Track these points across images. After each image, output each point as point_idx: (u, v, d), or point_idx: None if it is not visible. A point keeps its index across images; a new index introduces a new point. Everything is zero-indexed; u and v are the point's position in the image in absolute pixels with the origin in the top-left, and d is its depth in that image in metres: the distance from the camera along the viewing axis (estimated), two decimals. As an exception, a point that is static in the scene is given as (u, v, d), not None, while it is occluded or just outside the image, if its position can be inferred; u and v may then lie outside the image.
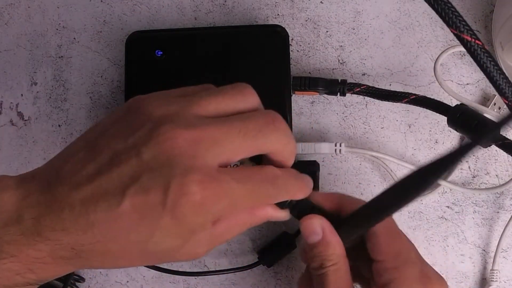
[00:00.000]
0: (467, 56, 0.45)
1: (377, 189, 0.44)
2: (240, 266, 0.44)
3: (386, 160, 0.44)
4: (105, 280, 0.45)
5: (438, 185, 0.44)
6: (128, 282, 0.45)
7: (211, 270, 0.44)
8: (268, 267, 0.44)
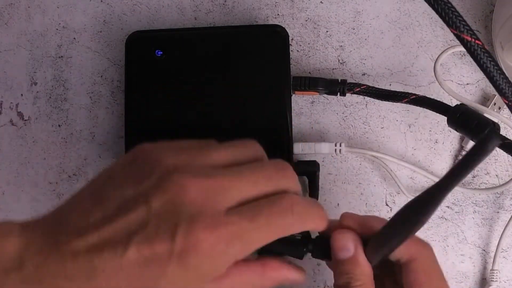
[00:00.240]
0: (467, 56, 0.45)
1: (377, 189, 0.44)
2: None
3: (386, 160, 0.44)
4: None
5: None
6: None
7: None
8: None
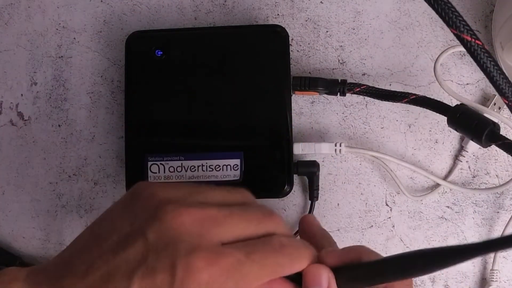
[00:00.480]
0: (467, 56, 0.45)
1: (377, 189, 0.44)
2: None
3: (386, 160, 0.44)
4: None
5: (438, 185, 0.44)
6: None
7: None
8: None
